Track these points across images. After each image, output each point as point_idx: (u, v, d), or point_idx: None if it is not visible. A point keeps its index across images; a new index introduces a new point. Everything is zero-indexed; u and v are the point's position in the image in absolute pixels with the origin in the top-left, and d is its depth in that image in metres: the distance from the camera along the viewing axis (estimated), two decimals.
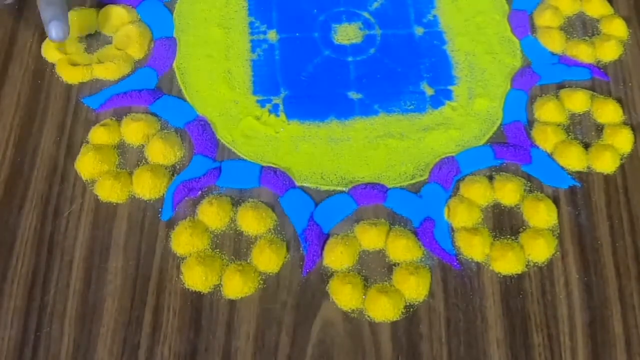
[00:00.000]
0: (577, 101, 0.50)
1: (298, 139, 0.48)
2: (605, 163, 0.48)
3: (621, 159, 0.48)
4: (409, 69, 0.51)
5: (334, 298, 0.42)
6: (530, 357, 0.41)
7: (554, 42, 0.53)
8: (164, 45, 0.51)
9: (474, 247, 0.44)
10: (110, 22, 0.51)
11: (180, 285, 0.42)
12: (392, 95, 0.50)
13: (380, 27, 0.53)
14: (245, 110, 0.49)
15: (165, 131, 0.47)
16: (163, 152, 0.46)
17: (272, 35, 0.52)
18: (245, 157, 0.47)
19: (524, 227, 0.45)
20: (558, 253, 0.45)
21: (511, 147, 0.48)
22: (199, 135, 0.47)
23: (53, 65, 0.50)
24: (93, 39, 0.51)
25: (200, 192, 0.45)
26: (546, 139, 0.48)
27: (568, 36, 0.53)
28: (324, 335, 0.41)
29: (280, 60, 0.51)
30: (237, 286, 0.42)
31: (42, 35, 0.49)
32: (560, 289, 0.43)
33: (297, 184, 0.46)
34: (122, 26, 0.51)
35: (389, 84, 0.51)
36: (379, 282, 0.43)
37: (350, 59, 0.52)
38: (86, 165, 0.45)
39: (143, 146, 0.47)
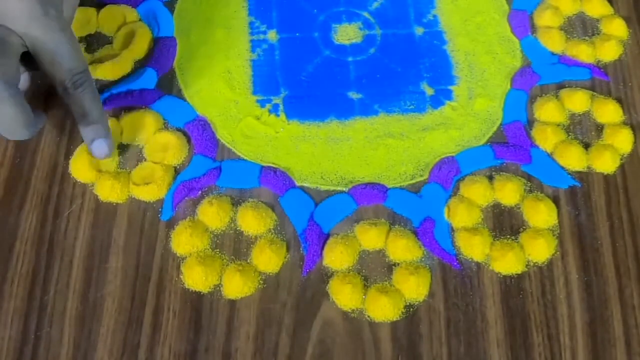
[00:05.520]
0: (577, 101, 0.50)
1: (298, 139, 0.48)
2: (605, 163, 0.48)
3: (621, 159, 0.48)
4: (409, 69, 0.51)
5: (334, 298, 0.42)
6: (530, 357, 0.41)
7: (554, 42, 0.53)
8: (164, 45, 0.51)
9: (474, 247, 0.44)
10: (110, 22, 0.51)
11: (180, 285, 0.42)
12: (392, 95, 0.50)
13: (380, 27, 0.53)
14: (245, 110, 0.49)
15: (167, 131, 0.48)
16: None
17: (272, 35, 0.52)
18: (245, 157, 0.47)
19: (524, 227, 0.45)
20: (558, 253, 0.45)
21: (511, 147, 0.48)
22: (199, 135, 0.47)
23: None
24: (93, 39, 0.51)
25: (200, 192, 0.45)
26: (546, 139, 0.48)
27: (568, 36, 0.53)
28: (324, 335, 0.41)
29: (280, 60, 0.51)
30: (237, 286, 0.42)
31: None
32: (560, 289, 0.43)
33: (297, 184, 0.46)
34: (122, 26, 0.51)
35: (389, 83, 0.51)
36: (379, 282, 0.43)
37: (350, 59, 0.52)
38: (81, 166, 0.45)
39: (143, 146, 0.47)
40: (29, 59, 0.40)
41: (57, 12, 0.40)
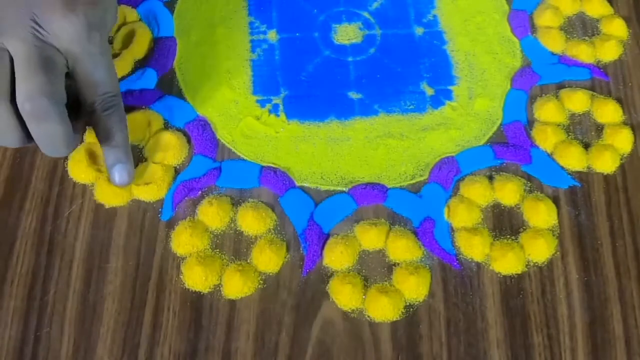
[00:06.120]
0: (577, 101, 0.50)
1: (298, 139, 0.48)
2: (605, 163, 0.48)
3: (621, 159, 0.48)
4: (409, 69, 0.51)
5: (334, 298, 0.42)
6: (530, 357, 0.41)
7: (554, 42, 0.53)
8: (164, 45, 0.51)
9: (474, 247, 0.44)
10: None
11: (180, 285, 0.42)
12: (392, 95, 0.50)
13: (380, 27, 0.53)
14: (245, 110, 0.49)
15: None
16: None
17: (272, 35, 0.52)
18: (245, 157, 0.47)
19: (524, 227, 0.45)
20: (558, 253, 0.45)
21: (511, 147, 0.48)
22: (199, 135, 0.47)
23: None
24: None
25: (200, 192, 0.45)
26: (546, 139, 0.48)
27: (568, 36, 0.53)
28: (324, 335, 0.41)
29: (280, 60, 0.51)
30: (237, 286, 0.42)
31: None
32: (560, 289, 0.43)
33: (297, 184, 0.46)
34: (122, 26, 0.51)
35: (389, 84, 0.51)
36: (379, 282, 0.43)
37: (350, 59, 0.52)
38: (79, 167, 0.45)
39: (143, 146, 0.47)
40: None
41: (101, 36, 0.41)
